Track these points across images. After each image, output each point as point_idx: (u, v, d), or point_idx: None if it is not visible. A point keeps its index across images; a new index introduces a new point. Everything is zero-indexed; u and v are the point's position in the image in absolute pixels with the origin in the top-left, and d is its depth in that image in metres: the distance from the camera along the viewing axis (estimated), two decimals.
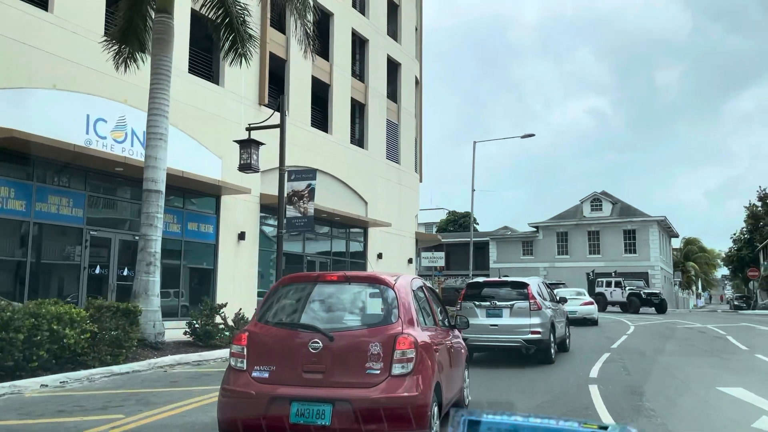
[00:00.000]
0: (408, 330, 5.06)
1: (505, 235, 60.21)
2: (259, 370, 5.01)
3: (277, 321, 5.41)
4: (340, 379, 4.84)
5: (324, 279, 5.67)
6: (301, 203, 15.89)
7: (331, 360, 4.89)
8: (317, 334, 4.98)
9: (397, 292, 5.31)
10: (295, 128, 23.13)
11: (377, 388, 4.76)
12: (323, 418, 4.68)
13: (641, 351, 14.76)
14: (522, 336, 11.83)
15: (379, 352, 4.86)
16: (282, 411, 4.76)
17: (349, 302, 5.50)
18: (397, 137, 30.97)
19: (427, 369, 5.06)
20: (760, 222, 57.84)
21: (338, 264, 26.29)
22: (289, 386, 4.88)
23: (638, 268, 51.59)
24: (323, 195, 24.30)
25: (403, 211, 30.69)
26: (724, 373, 11.23)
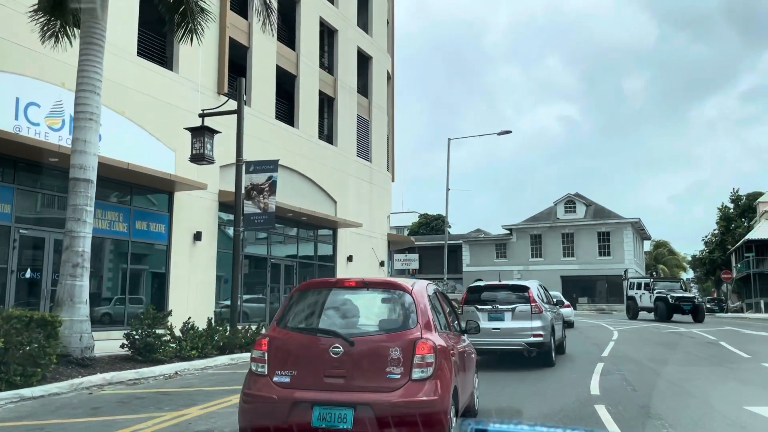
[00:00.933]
0: (426, 335, 5.06)
1: (478, 237, 59.09)
2: (281, 375, 5.01)
3: (297, 326, 5.42)
4: (361, 384, 4.84)
5: (342, 285, 5.69)
6: (261, 198, 14.22)
7: (351, 365, 4.90)
8: (338, 339, 4.99)
9: (414, 297, 5.33)
10: (258, 120, 21.45)
11: (398, 392, 4.77)
12: (345, 422, 4.68)
13: (636, 360, 13.44)
14: (524, 339, 11.76)
15: (399, 356, 4.87)
16: (304, 415, 4.78)
17: (367, 307, 5.52)
18: (368, 134, 29.44)
19: (445, 373, 5.06)
20: (731, 224, 57.76)
21: (307, 268, 24.62)
22: (311, 390, 4.88)
23: (612, 271, 50.90)
24: (289, 193, 22.64)
25: (374, 211, 29.15)
26: (740, 386, 9.93)
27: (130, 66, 16.79)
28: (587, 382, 10.14)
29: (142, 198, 17.46)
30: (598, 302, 52.11)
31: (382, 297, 5.59)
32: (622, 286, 50.81)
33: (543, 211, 56.04)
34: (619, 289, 51.38)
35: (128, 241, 16.73)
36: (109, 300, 16.48)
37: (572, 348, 16.22)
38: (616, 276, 51.22)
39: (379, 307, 5.52)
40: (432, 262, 56.02)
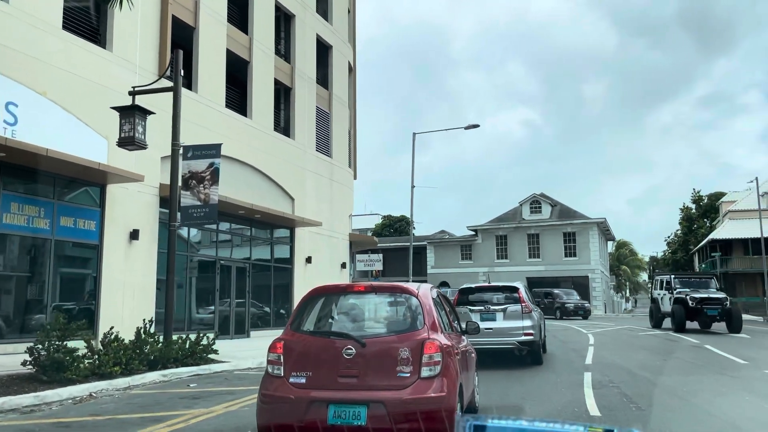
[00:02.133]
0: (433, 335, 5.32)
1: (443, 239, 57.76)
2: (296, 376, 5.22)
3: (310, 329, 5.64)
4: (373, 383, 5.07)
5: (352, 290, 5.93)
6: (201, 188, 12.34)
7: (364, 365, 5.13)
8: (350, 341, 5.22)
9: (420, 299, 5.54)
10: (206, 108, 19.52)
11: (408, 389, 5.01)
12: (359, 419, 4.90)
13: (625, 368, 12.03)
14: (516, 338, 12.14)
15: (408, 356, 5.10)
16: (320, 413, 4.99)
17: (376, 311, 5.78)
18: (329, 127, 27.67)
19: (451, 371, 5.30)
20: (694, 224, 57.83)
21: (262, 271, 22.70)
22: (326, 390, 5.10)
23: (578, 272, 50.16)
24: (241, 188, 20.74)
25: (335, 209, 27.38)
26: (758, 400, 8.56)
27: (53, 41, 14.72)
28: (581, 398, 8.63)
29: (68, 191, 15.36)
30: None
31: (389, 300, 5.83)
32: (587, 288, 50.10)
33: (508, 212, 55.04)
34: (584, 290, 50.65)
35: (51, 240, 14.61)
36: (24, 307, 14.34)
37: (552, 355, 14.79)
38: (582, 277, 50.49)
39: (388, 310, 5.79)
40: (396, 264, 54.49)
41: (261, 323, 22.32)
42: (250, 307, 21.38)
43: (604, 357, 14.14)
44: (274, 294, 23.36)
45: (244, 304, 21.09)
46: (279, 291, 23.67)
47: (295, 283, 23.96)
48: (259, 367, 12.90)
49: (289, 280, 23.92)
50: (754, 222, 45.82)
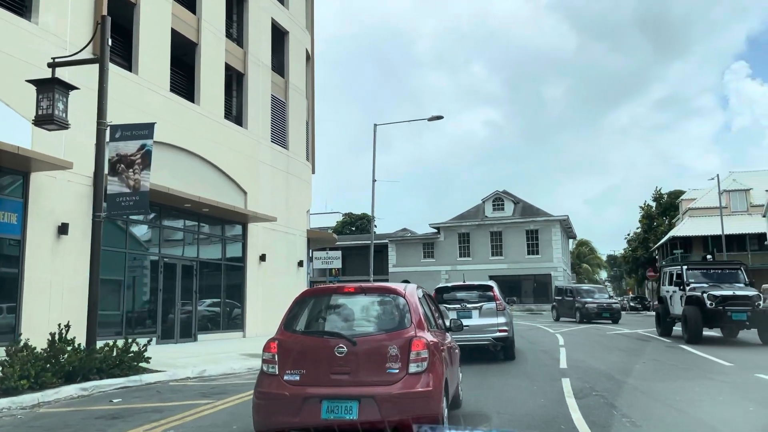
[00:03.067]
0: (420, 333, 5.52)
1: (404, 236, 56.68)
2: (291, 374, 5.40)
3: (303, 329, 5.85)
4: (364, 379, 5.27)
5: (341, 291, 6.10)
6: (130, 173, 10.79)
7: (355, 362, 5.33)
8: (342, 340, 5.40)
9: (407, 299, 5.80)
10: (147, 91, 17.87)
11: (397, 385, 5.22)
12: (351, 413, 5.13)
13: (605, 373, 11.02)
14: (491, 335, 12.60)
15: (397, 353, 5.31)
16: (314, 409, 5.20)
17: (366, 310, 5.95)
18: (285, 118, 26.19)
19: (437, 367, 5.50)
20: (654, 222, 58.14)
21: (211, 269, 21.12)
22: (319, 387, 5.30)
23: (540, 270, 49.75)
24: (188, 180, 19.16)
25: (292, 204, 25.92)
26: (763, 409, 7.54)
27: None
28: (564, 411, 7.50)
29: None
30: (526, 302, 50.81)
31: (378, 300, 5.95)
32: (549, 286, 49.71)
33: (471, 209, 54.29)
34: (546, 289, 50.28)
35: None
36: None
37: (523, 358, 13.73)
38: (544, 275, 50.11)
39: (376, 309, 5.90)
40: (357, 263, 53.22)
41: (211, 326, 20.76)
42: (197, 309, 19.78)
43: (578, 359, 13.13)
44: (226, 294, 21.81)
45: (191, 306, 19.49)
46: (231, 291, 22.12)
47: (248, 282, 22.44)
48: (200, 376, 11.47)
49: (242, 279, 22.38)
50: (713, 219, 46.13)
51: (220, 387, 10.29)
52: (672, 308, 18.66)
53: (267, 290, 23.37)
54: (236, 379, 11.38)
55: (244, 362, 12.97)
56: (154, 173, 17.84)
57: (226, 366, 12.29)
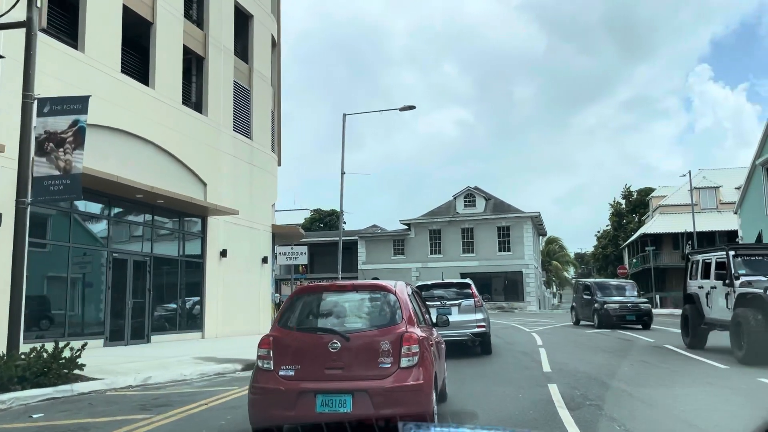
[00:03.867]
0: (411, 329, 5.70)
1: (375, 233, 55.53)
2: (285, 369, 5.53)
3: (297, 325, 5.97)
4: (357, 373, 5.43)
5: (334, 288, 6.33)
6: (60, 153, 9.39)
7: (348, 357, 5.49)
8: (335, 336, 5.58)
9: (397, 296, 5.99)
10: (95, 71, 16.39)
11: (389, 378, 5.39)
12: (345, 407, 5.27)
13: (593, 377, 10.06)
14: (470, 330, 12.95)
15: (389, 348, 5.48)
16: (309, 403, 5.33)
17: (358, 307, 6.08)
18: (249, 106, 24.81)
19: (427, 361, 5.68)
20: (623, 220, 58.09)
21: (167, 266, 19.70)
22: (314, 381, 5.42)
23: (512, 267, 49.12)
24: (141, 169, 17.75)
25: (255, 197, 24.57)
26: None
27: None
28: (560, 427, 6.45)
29: None
30: (497, 300, 50.16)
31: (369, 297, 6.14)
32: (521, 284, 49.11)
33: (442, 205, 53.39)
34: (517, 286, 49.70)
35: None
36: None
37: (502, 359, 12.75)
38: (516, 273, 49.49)
39: (368, 306, 6.08)
40: (325, 260, 51.96)
41: (166, 326, 19.33)
42: (151, 308, 18.34)
43: (561, 362, 12.16)
44: (183, 292, 20.39)
45: (143, 305, 18.05)
46: (189, 289, 20.71)
47: (207, 279, 21.05)
48: (144, 384, 10.16)
49: (201, 276, 20.97)
50: (683, 216, 46.06)
51: (165, 397, 9.03)
52: (710, 311, 13.63)
53: (228, 288, 22.01)
54: (186, 387, 10.12)
55: (197, 367, 11.69)
56: (103, 161, 16.41)
57: (176, 372, 11.00)
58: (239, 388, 9.68)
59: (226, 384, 10.32)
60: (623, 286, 24.66)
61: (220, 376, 11.40)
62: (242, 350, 15.58)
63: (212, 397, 8.90)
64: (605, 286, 24.54)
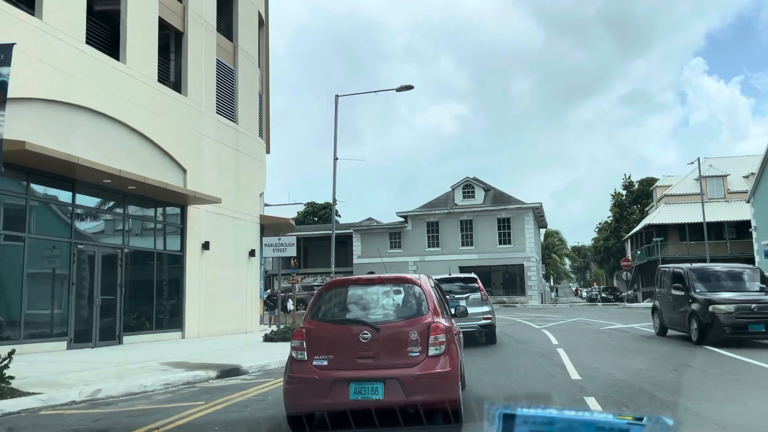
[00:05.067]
0: (437, 319, 5.94)
1: (370, 226, 53.69)
2: (319, 359, 5.79)
3: (328, 318, 6.24)
4: (387, 362, 5.69)
5: (361, 282, 6.61)
6: None
7: (378, 347, 5.75)
8: (366, 327, 5.84)
9: (422, 288, 6.24)
10: (56, 41, 14.58)
11: (418, 366, 5.65)
12: (377, 394, 5.55)
13: (636, 386, 8.34)
14: (477, 322, 13.55)
15: (417, 338, 5.74)
16: (342, 391, 5.60)
17: (386, 299, 6.34)
18: (234, 86, 22.97)
19: (453, 349, 5.97)
20: (625, 211, 56.48)
21: (142, 259, 17.92)
22: (346, 370, 5.71)
23: (512, 261, 47.41)
24: (111, 152, 16.02)
25: (242, 185, 22.77)
26: None
27: None
28: None
29: None
30: (497, 294, 48.49)
31: (395, 290, 6.37)
32: (522, 277, 47.44)
33: (440, 197, 51.55)
34: (518, 280, 48.03)
35: None
36: None
37: (519, 364, 11.00)
38: (517, 266, 47.79)
39: (395, 298, 6.33)
40: (319, 254, 50.15)
41: (142, 325, 17.52)
42: (123, 306, 16.54)
43: (590, 366, 10.43)
44: (160, 288, 18.59)
45: (114, 302, 16.25)
46: (167, 284, 18.92)
47: (188, 274, 19.25)
48: (91, 399, 8.40)
49: (180, 270, 19.17)
50: (690, 206, 44.44)
51: (109, 418, 7.28)
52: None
53: (211, 283, 20.23)
54: (142, 402, 8.35)
55: (162, 376, 9.91)
56: (64, 141, 14.57)
57: (134, 382, 9.22)
58: (206, 404, 7.94)
59: (192, 397, 8.57)
60: (739, 274, 15.16)
61: (188, 387, 9.65)
62: (223, 353, 13.83)
63: (169, 417, 7.15)
64: (710, 274, 15.12)
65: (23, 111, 13.73)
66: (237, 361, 12.00)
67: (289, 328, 17.47)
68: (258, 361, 11.96)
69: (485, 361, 11.42)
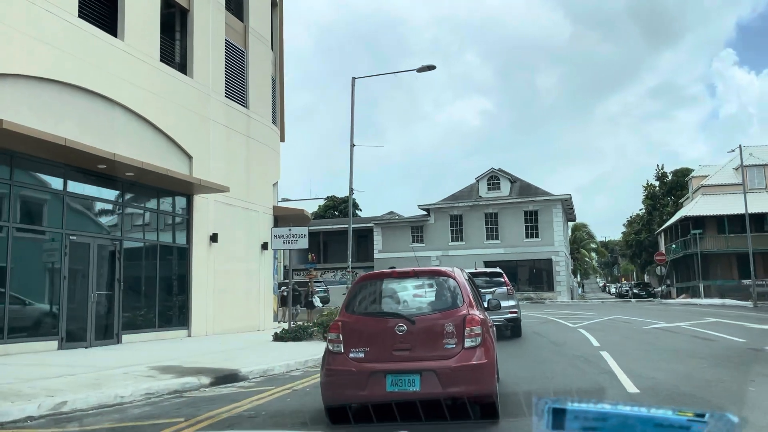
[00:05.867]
0: (472, 311, 5.95)
1: (391, 219, 52.16)
2: (355, 352, 5.84)
3: (363, 311, 6.34)
4: (423, 354, 5.72)
5: (396, 275, 6.53)
6: None
7: (414, 339, 5.77)
8: (401, 319, 5.86)
9: (457, 281, 6.24)
10: (46, 13, 13.38)
11: (455, 358, 5.66)
12: (414, 385, 5.59)
13: (714, 403, 6.74)
14: (504, 316, 13.85)
15: (452, 330, 5.75)
16: (379, 383, 5.65)
17: (420, 292, 6.32)
18: (244, 69, 21.62)
19: (488, 341, 5.95)
20: (657, 203, 54.15)
21: (143, 252, 16.68)
22: (383, 362, 5.74)
23: (540, 255, 45.52)
24: (109, 136, 14.88)
25: (253, 174, 21.44)
26: None
27: None
28: None
29: None
30: (523, 290, 46.69)
31: (430, 282, 6.33)
32: (550, 272, 45.57)
33: (464, 189, 49.80)
34: (546, 275, 46.16)
35: None
36: None
37: (560, 370, 9.42)
38: (545, 260, 45.89)
39: (430, 290, 6.28)
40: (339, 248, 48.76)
41: (144, 323, 16.29)
42: (122, 302, 15.30)
43: (645, 375, 8.82)
44: (164, 283, 17.34)
45: (111, 298, 15.02)
46: (171, 279, 17.67)
47: (194, 268, 17.97)
48: (53, 413, 7.08)
49: (186, 264, 17.90)
50: (730, 198, 42.15)
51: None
52: None
53: (220, 278, 18.94)
54: (111, 417, 7.00)
55: (145, 384, 8.56)
56: (55, 123, 13.33)
57: (109, 392, 7.87)
58: (185, 421, 6.59)
59: (174, 412, 7.19)
60: None
61: (174, 396, 8.28)
62: (224, 354, 12.47)
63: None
64: None
65: (7, 88, 12.53)
66: (237, 364, 10.63)
67: (301, 327, 16.09)
68: (261, 365, 10.58)
69: (520, 367, 9.89)
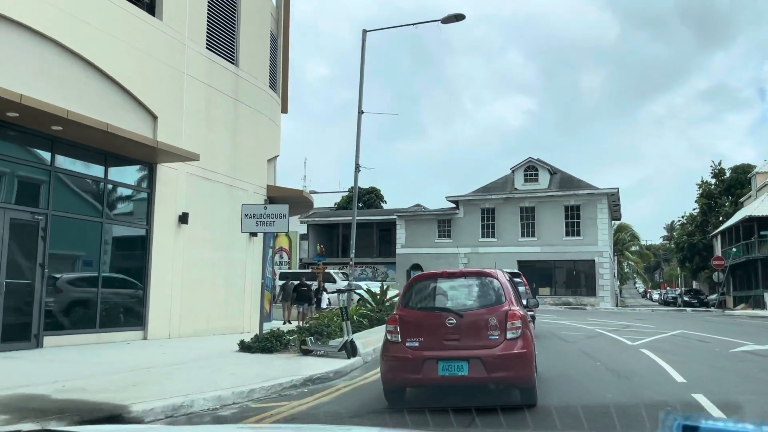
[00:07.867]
0: (513, 308, 6.94)
1: (416, 212, 48.16)
2: (411, 341, 6.89)
3: (417, 306, 7.47)
4: (470, 344, 6.72)
5: (445, 275, 7.60)
6: None
7: (462, 331, 6.79)
8: (451, 314, 6.90)
9: (500, 281, 7.25)
10: None
11: (498, 347, 6.63)
12: (462, 371, 6.59)
13: None
14: None
15: (496, 323, 6.73)
16: (432, 368, 6.68)
17: (468, 290, 7.37)
18: (234, 20, 18.04)
19: (527, 334, 6.88)
20: (714, 202, 49.04)
21: (82, 232, 13.22)
22: (435, 350, 6.75)
23: (582, 255, 41.00)
24: (30, 77, 11.33)
25: (242, 145, 17.88)
26: None
27: None
28: None
29: None
30: (560, 294, 42.31)
31: (476, 282, 7.41)
32: (593, 275, 41.14)
33: (497, 180, 45.49)
34: (588, 278, 41.67)
35: None
36: None
37: None
38: (587, 261, 41.36)
39: (476, 289, 7.33)
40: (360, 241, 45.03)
41: (78, 323, 12.81)
42: (44, 294, 11.83)
43: None
44: (113, 272, 13.86)
45: (30, 289, 11.57)
46: (122, 269, 14.21)
47: (154, 254, 14.45)
48: None
49: (144, 250, 14.40)
50: None
51: None
52: None
53: (190, 268, 15.42)
54: None
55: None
56: None
57: None
58: None
59: None
60: None
61: None
62: (145, 375, 8.84)
63: None
64: None
65: None
66: (134, 396, 6.99)
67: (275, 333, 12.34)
68: (173, 397, 6.94)
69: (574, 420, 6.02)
